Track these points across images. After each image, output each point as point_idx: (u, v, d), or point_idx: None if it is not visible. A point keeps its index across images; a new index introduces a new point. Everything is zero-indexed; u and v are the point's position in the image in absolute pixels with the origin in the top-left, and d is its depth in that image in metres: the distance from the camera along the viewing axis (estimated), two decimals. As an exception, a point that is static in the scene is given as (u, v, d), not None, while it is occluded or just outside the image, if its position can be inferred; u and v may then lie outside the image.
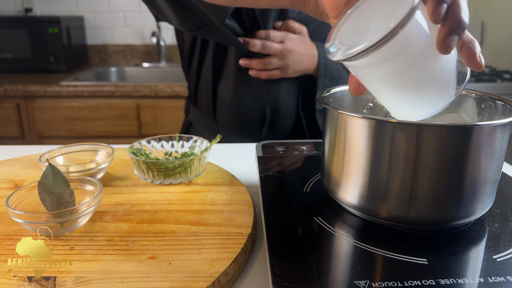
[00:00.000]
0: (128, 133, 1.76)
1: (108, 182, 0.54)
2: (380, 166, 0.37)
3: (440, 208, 0.37)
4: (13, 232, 0.42)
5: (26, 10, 2.09)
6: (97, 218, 0.44)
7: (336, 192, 0.42)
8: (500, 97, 0.43)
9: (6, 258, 0.37)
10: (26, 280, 0.34)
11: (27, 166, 0.60)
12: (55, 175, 0.43)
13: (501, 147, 0.37)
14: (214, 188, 0.52)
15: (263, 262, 0.41)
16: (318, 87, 0.82)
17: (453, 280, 0.32)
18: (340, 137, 0.40)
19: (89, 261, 0.37)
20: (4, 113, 1.71)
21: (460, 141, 0.35)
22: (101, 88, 1.69)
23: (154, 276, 0.35)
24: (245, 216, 0.45)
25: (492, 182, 0.38)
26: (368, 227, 0.41)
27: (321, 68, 0.82)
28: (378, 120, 0.37)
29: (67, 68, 1.91)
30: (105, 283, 0.34)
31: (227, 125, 0.87)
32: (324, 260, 0.35)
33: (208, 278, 0.35)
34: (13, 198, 0.43)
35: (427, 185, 0.36)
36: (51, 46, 1.86)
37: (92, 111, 1.72)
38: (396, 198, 0.37)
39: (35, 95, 1.69)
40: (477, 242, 0.38)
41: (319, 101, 0.43)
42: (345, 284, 0.32)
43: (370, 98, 0.51)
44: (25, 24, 1.83)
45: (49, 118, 1.72)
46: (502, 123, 0.35)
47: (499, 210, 0.44)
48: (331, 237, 0.39)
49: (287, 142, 0.64)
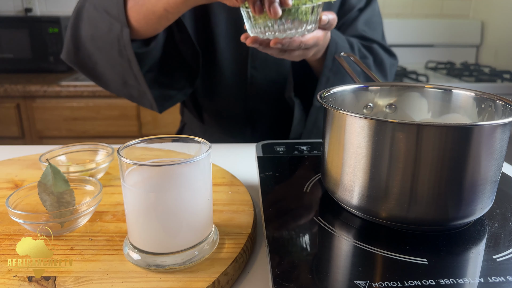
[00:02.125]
0: (128, 133, 1.76)
1: (108, 182, 0.54)
2: (380, 166, 0.37)
3: (440, 208, 0.37)
4: (13, 232, 0.42)
5: (26, 10, 2.09)
6: (97, 218, 0.44)
7: (336, 192, 0.42)
8: (500, 97, 0.43)
9: (6, 258, 0.37)
10: (26, 280, 0.34)
11: (27, 166, 0.60)
12: (55, 175, 0.43)
13: (501, 147, 0.37)
14: (214, 188, 0.52)
15: (263, 262, 0.41)
16: (321, 80, 0.73)
17: (453, 280, 0.32)
18: (340, 137, 0.40)
19: (89, 261, 0.37)
20: (4, 113, 1.71)
21: (460, 141, 0.35)
22: (101, 88, 1.69)
23: (154, 276, 0.35)
24: (245, 216, 0.45)
25: (492, 182, 0.38)
26: (368, 227, 0.41)
27: (328, 59, 0.71)
28: (378, 120, 0.37)
29: (67, 68, 1.91)
30: (105, 283, 0.34)
31: (214, 126, 0.90)
32: (324, 260, 0.35)
33: (208, 278, 0.35)
34: (13, 198, 0.43)
35: (427, 185, 0.36)
36: (51, 46, 1.86)
37: (92, 111, 1.72)
38: (396, 198, 0.37)
39: (35, 95, 1.69)
40: (477, 242, 0.38)
41: (319, 101, 0.43)
42: (345, 284, 0.32)
43: (370, 98, 0.51)
44: (25, 24, 1.83)
45: (49, 118, 1.72)
46: (502, 123, 0.35)
47: (499, 210, 0.44)
48: (331, 237, 0.39)
49: (287, 142, 0.64)
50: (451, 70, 1.89)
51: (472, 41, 2.15)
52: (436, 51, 2.16)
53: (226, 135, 0.89)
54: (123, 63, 0.68)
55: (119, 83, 0.73)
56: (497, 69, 1.85)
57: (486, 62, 2.11)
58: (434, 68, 1.99)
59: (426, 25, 2.12)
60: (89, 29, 0.69)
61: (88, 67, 0.73)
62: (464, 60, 2.08)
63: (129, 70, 0.69)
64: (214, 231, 0.40)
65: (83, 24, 0.69)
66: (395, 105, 0.51)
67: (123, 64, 0.68)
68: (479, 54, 2.18)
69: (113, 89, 0.75)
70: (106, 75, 0.73)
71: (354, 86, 0.51)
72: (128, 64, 0.68)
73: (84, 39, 0.70)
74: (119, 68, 0.70)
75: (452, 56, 2.12)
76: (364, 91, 0.51)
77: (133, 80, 0.71)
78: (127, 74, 0.70)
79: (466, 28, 2.14)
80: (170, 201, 0.35)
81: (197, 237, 0.37)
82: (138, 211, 0.35)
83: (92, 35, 0.69)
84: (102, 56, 0.70)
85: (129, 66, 0.68)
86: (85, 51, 0.71)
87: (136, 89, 0.73)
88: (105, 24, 0.66)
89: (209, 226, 0.39)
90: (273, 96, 0.84)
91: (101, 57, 0.70)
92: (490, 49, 2.11)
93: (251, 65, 0.80)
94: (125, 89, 0.74)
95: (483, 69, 1.92)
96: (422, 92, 0.50)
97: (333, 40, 0.71)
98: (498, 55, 2.04)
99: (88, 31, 0.69)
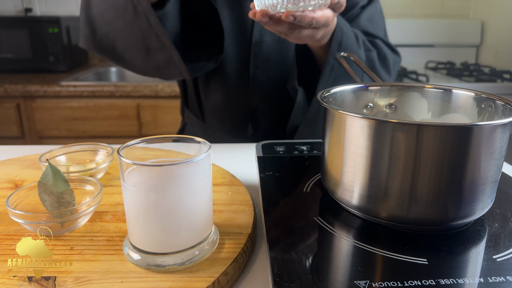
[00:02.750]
0: (128, 133, 1.76)
1: (108, 182, 0.54)
2: (380, 166, 0.37)
3: (440, 208, 0.37)
4: (13, 232, 0.42)
5: (26, 10, 2.09)
6: (97, 218, 0.44)
7: (336, 192, 0.42)
8: (500, 97, 0.43)
9: (6, 258, 0.37)
10: (26, 280, 0.34)
11: (27, 166, 0.60)
12: (55, 175, 0.43)
13: (501, 147, 0.37)
14: (214, 188, 0.52)
15: (263, 262, 0.41)
16: (326, 68, 0.71)
17: (453, 280, 0.32)
18: (340, 137, 0.40)
19: (89, 261, 0.37)
20: (4, 113, 1.71)
21: (460, 141, 0.35)
22: (101, 88, 1.69)
23: (154, 276, 0.35)
24: (245, 216, 0.45)
25: (492, 182, 0.38)
26: (368, 227, 0.41)
27: (333, 46, 0.69)
28: (378, 120, 0.37)
29: (67, 68, 1.91)
30: (105, 283, 0.34)
31: (215, 126, 0.90)
32: (324, 260, 0.35)
33: (208, 278, 0.35)
34: (13, 198, 0.43)
35: (427, 185, 0.36)
36: (51, 46, 1.86)
37: (92, 111, 1.72)
38: (396, 198, 0.37)
39: (35, 95, 1.69)
40: (477, 242, 0.38)
41: (319, 100, 0.43)
42: (345, 284, 0.32)
43: (370, 98, 0.51)
44: (25, 24, 1.83)
45: (49, 118, 1.72)
46: (502, 123, 0.35)
47: (499, 210, 0.44)
48: (331, 237, 0.39)
49: (287, 142, 0.64)
50: (451, 70, 1.89)
51: (472, 41, 2.15)
52: (436, 51, 2.16)
53: (227, 134, 0.89)
54: (141, 23, 0.66)
55: (142, 54, 0.70)
56: (497, 69, 1.85)
57: (486, 62, 2.11)
58: (434, 68, 1.99)
59: (426, 25, 2.12)
60: (100, 3, 0.68)
61: (107, 47, 0.71)
62: (464, 60, 2.08)
63: (148, 29, 0.66)
64: (214, 231, 0.40)
65: (93, 1, 0.69)
66: (395, 105, 0.51)
67: (141, 24, 0.66)
68: (479, 54, 2.18)
69: (138, 64, 0.73)
70: (127, 51, 0.71)
71: (354, 86, 0.51)
72: (146, 22, 0.66)
73: (97, 17, 0.69)
74: (139, 32, 0.67)
75: (452, 56, 2.12)
76: (364, 91, 0.51)
77: (155, 41, 0.68)
78: (148, 36, 0.67)
79: (466, 28, 2.14)
80: (170, 201, 0.35)
81: (197, 237, 0.37)
82: (138, 211, 0.35)
83: (104, 8, 0.68)
84: (119, 27, 0.68)
85: (148, 24, 0.66)
86: (101, 29, 0.70)
87: (161, 54, 0.70)
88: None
89: (209, 226, 0.39)
90: (275, 95, 0.84)
91: (118, 29, 0.68)
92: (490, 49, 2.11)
93: (253, 64, 0.80)
94: (150, 59, 0.71)
95: (483, 69, 1.92)
96: (422, 92, 0.50)
97: (339, 27, 0.68)
98: (498, 55, 2.04)
99: (100, 5, 0.68)
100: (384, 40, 0.83)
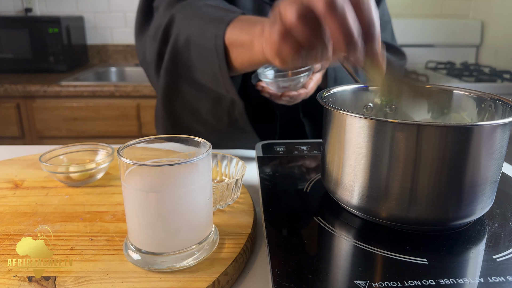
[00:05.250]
0: (128, 133, 1.76)
1: (108, 182, 0.54)
2: (380, 166, 0.37)
3: (440, 208, 0.37)
4: (13, 232, 0.42)
5: (26, 10, 2.09)
6: (97, 218, 0.44)
7: (336, 192, 0.42)
8: (500, 97, 0.43)
9: (6, 258, 0.37)
10: (26, 280, 0.34)
11: (27, 166, 0.60)
12: None
13: (501, 147, 0.37)
14: (214, 188, 0.52)
15: (263, 262, 0.41)
16: (329, 75, 0.75)
17: (453, 280, 0.32)
18: (340, 137, 0.40)
19: (89, 261, 0.37)
20: (4, 113, 1.71)
21: (460, 141, 0.35)
22: (101, 88, 1.69)
23: (154, 276, 0.35)
24: (245, 216, 0.45)
25: (492, 182, 0.38)
26: (368, 227, 0.41)
27: (329, 84, 0.75)
28: (378, 120, 0.37)
29: (67, 68, 1.91)
30: (105, 283, 0.34)
31: None
32: (324, 260, 0.35)
33: (208, 278, 0.35)
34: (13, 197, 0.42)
35: (427, 185, 0.36)
36: (51, 46, 1.86)
37: (92, 111, 1.72)
38: (396, 198, 0.37)
39: (35, 95, 1.69)
40: (477, 242, 0.38)
41: (319, 101, 0.43)
42: (345, 284, 0.32)
43: (370, 98, 0.51)
44: (25, 24, 1.83)
45: (49, 118, 1.72)
46: (502, 123, 0.35)
47: (499, 210, 0.44)
48: (331, 237, 0.39)
49: (287, 142, 0.64)
50: (451, 70, 1.89)
51: (472, 41, 2.15)
52: (436, 51, 2.16)
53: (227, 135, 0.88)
54: (233, 125, 0.69)
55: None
56: (497, 69, 1.85)
57: (486, 62, 2.11)
58: (434, 68, 1.99)
59: (426, 25, 2.12)
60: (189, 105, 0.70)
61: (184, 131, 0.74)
62: (464, 60, 2.08)
63: (236, 123, 0.69)
64: (214, 231, 0.40)
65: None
66: (395, 105, 0.51)
67: (232, 124, 0.69)
68: (479, 54, 2.18)
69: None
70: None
71: (354, 86, 0.51)
72: (236, 123, 0.68)
73: (185, 118, 0.72)
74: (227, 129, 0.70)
75: (452, 56, 2.12)
76: (364, 91, 0.51)
77: (238, 127, 0.70)
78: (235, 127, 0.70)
79: (466, 28, 2.14)
80: (170, 201, 0.35)
81: (197, 237, 0.37)
82: (138, 211, 0.35)
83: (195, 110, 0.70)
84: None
85: (236, 121, 0.68)
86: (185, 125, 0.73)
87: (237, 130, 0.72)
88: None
89: (209, 226, 0.39)
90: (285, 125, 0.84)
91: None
92: (490, 49, 2.11)
93: None
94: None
95: (483, 69, 1.92)
96: (422, 92, 0.50)
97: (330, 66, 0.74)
98: (498, 55, 2.04)
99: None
100: (390, 44, 0.82)
